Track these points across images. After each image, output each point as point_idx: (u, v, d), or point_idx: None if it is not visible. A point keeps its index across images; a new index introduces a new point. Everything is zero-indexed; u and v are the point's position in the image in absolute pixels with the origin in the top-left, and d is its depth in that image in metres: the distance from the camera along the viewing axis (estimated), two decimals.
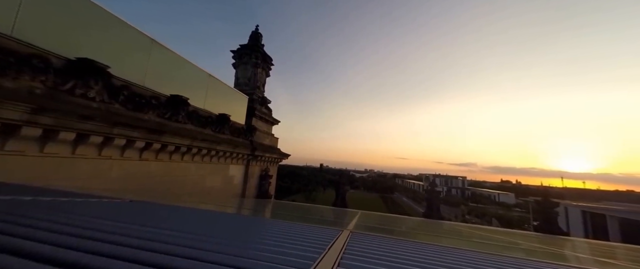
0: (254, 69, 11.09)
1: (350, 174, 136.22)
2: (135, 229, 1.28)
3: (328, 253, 1.15)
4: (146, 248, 1.03)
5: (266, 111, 11.54)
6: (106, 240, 1.06)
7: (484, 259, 1.92)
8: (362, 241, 1.67)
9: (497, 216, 39.92)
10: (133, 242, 1.08)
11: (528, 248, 3.76)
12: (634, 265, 2.87)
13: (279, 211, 4.86)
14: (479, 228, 7.36)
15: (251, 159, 9.68)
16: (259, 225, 2.16)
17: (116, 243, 1.03)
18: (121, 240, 1.08)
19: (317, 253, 1.14)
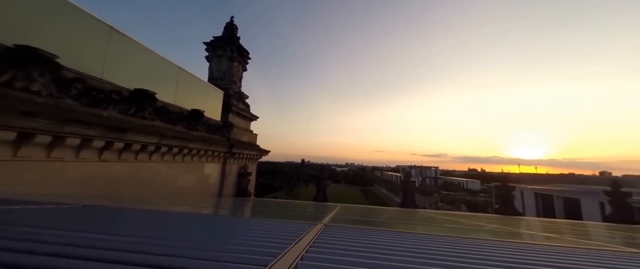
0: (230, 63, 10.61)
1: (332, 168, 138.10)
2: (82, 238, 1.16)
3: (294, 247, 1.14)
4: (94, 258, 0.93)
5: (243, 106, 11.16)
6: (46, 252, 0.94)
7: (452, 242, 2.05)
8: (334, 233, 1.68)
9: (465, 201, 43.31)
10: (78, 252, 0.97)
11: (491, 229, 4.11)
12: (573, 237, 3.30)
13: (255, 209, 4.76)
14: (450, 214, 7.89)
15: (228, 157, 9.35)
16: (228, 224, 2.09)
17: (57, 255, 0.92)
18: (64, 251, 0.97)
19: (282, 248, 1.13)
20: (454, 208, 38.01)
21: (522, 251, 1.85)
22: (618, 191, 7.79)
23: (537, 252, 1.86)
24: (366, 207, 7.81)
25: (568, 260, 1.64)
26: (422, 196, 50.63)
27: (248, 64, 11.96)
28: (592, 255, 1.90)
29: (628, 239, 3.63)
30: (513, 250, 1.85)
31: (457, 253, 1.54)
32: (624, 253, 2.17)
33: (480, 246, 1.89)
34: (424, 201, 42.46)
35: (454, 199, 48.04)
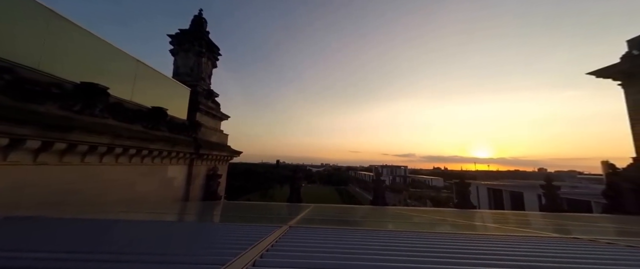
0: (198, 59, 9.98)
1: (307, 169, 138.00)
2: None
3: (249, 252, 1.11)
4: None
5: (213, 105, 10.59)
6: None
7: (412, 237, 2.18)
8: (297, 234, 1.68)
9: (430, 198, 46.71)
10: None
11: (451, 223, 4.48)
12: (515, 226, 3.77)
13: (221, 213, 4.54)
14: (415, 210, 8.41)
15: (195, 158, 8.77)
16: (182, 230, 1.95)
17: None
18: None
19: (235, 253, 1.08)
20: (421, 204, 40.76)
21: (471, 241, 2.04)
22: (550, 185, 9.11)
23: (483, 241, 2.07)
24: (338, 206, 7.96)
25: (507, 246, 1.86)
26: (392, 194, 53.25)
27: (218, 61, 11.38)
28: (525, 241, 2.18)
29: (556, 226, 4.25)
30: (464, 241, 2.04)
31: (414, 247, 1.64)
32: (551, 238, 2.53)
33: (436, 239, 2.05)
34: (394, 199, 44.70)
35: (420, 195, 51.48)
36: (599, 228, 3.93)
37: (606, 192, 9.02)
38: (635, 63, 8.61)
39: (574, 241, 2.35)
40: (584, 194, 15.56)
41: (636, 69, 8.63)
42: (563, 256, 1.73)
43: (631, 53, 8.96)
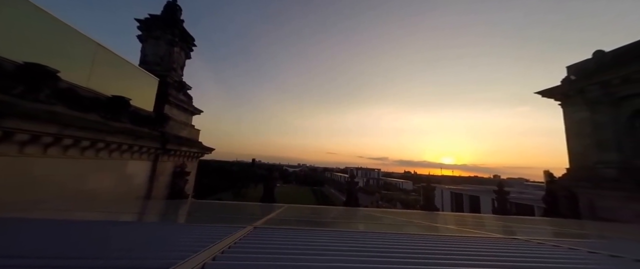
0: (169, 48, 9.35)
1: (284, 168, 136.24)
2: None
3: (201, 254, 1.07)
4: None
5: (184, 98, 9.99)
6: None
7: (377, 237, 2.28)
8: (260, 235, 1.67)
9: (400, 200, 49.13)
10: None
11: (415, 224, 4.77)
12: (469, 228, 4.15)
13: (185, 213, 4.31)
14: (386, 211, 8.78)
15: (161, 154, 8.19)
16: (132, 231, 1.81)
17: None
18: None
19: (184, 256, 1.04)
20: (391, 205, 42.65)
21: (427, 241, 2.21)
22: (501, 191, 10.15)
23: (438, 242, 2.25)
24: (311, 207, 8.00)
25: (457, 246, 2.05)
26: (365, 196, 54.87)
27: (193, 52, 10.78)
28: (472, 241, 2.42)
29: (501, 227, 4.75)
30: (422, 241, 2.19)
31: (377, 247, 1.73)
32: (494, 238, 2.83)
33: (397, 240, 2.17)
34: (367, 200, 46.10)
35: (391, 197, 53.87)
36: (535, 229, 4.49)
37: (545, 198, 10.30)
38: (572, 87, 10.00)
39: (512, 241, 2.66)
40: (529, 199, 17.58)
41: (572, 92, 10.03)
42: (499, 254, 1.96)
43: (569, 78, 10.40)
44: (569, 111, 10.46)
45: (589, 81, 9.46)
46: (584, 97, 9.73)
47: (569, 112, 10.47)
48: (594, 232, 4.50)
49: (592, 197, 9.22)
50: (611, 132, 9.01)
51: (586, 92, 9.62)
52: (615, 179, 8.61)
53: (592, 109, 9.57)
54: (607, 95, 9.09)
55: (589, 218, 9.09)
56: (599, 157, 9.24)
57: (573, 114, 10.27)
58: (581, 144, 9.90)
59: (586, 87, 9.55)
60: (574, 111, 10.24)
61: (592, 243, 2.83)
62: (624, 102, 8.88)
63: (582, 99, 9.85)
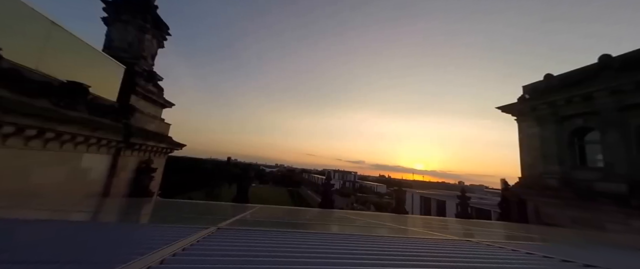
0: (140, 34, 8.70)
1: (260, 168, 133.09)
2: None
3: (146, 258, 1.02)
4: None
5: (155, 89, 9.34)
6: None
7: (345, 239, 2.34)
8: (222, 236, 1.63)
9: (374, 202, 50.75)
10: None
11: (383, 226, 4.97)
12: (431, 230, 4.44)
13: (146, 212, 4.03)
14: (359, 214, 9.00)
15: (124, 148, 7.55)
16: (77, 233, 1.66)
17: None
18: None
19: (127, 260, 0.97)
20: (365, 208, 43.83)
21: (391, 244, 2.33)
22: (464, 196, 11.01)
23: (403, 244, 2.38)
24: (285, 208, 7.93)
25: (418, 247, 2.19)
26: (341, 198, 55.72)
27: (166, 41, 10.15)
28: (431, 243, 2.60)
29: (460, 230, 5.15)
30: (387, 243, 2.30)
31: (344, 249, 1.78)
32: (451, 240, 3.07)
33: (364, 241, 2.26)
34: (342, 202, 46.84)
35: (366, 200, 55.41)
36: (488, 232, 4.95)
37: (500, 204, 11.37)
38: (526, 105, 11.23)
39: (466, 243, 2.92)
40: (487, 205, 19.24)
41: (526, 109, 11.26)
42: (452, 255, 2.14)
43: (524, 96, 11.65)
44: (523, 125, 11.70)
45: (540, 100, 10.69)
46: (535, 114, 10.97)
47: (522, 127, 11.71)
48: (535, 235, 5.07)
49: (538, 204, 10.39)
50: (555, 147, 10.26)
51: (537, 110, 10.86)
52: (556, 189, 9.81)
53: (541, 125, 10.82)
54: (553, 114, 10.35)
55: (535, 222, 10.23)
56: (545, 168, 10.46)
57: (526, 129, 11.51)
58: (531, 156, 11.13)
59: (537, 106, 10.78)
60: (527, 126, 11.48)
61: (531, 245, 3.20)
62: (565, 121, 10.18)
63: (533, 116, 11.10)
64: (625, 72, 8.29)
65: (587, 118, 9.46)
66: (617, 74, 8.43)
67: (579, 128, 9.82)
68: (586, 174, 9.32)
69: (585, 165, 9.71)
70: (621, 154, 8.34)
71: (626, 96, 8.27)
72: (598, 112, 9.00)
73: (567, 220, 9.35)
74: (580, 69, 10.07)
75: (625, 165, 8.21)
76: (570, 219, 9.28)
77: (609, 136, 8.68)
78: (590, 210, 8.69)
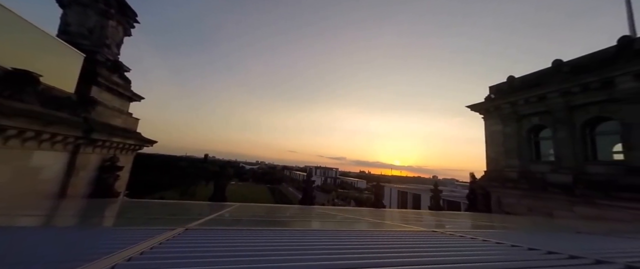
0: (102, 19, 7.92)
1: (240, 166, 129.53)
2: None
3: (99, 262, 0.93)
4: None
5: (120, 80, 8.60)
6: None
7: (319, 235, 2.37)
8: (188, 237, 1.55)
9: (354, 198, 52.05)
10: None
11: (361, 221, 5.11)
12: (405, 223, 4.68)
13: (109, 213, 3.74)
14: (339, 209, 9.16)
15: (84, 144, 6.89)
16: (27, 237, 1.49)
17: None
18: None
19: (77, 265, 0.88)
20: (346, 203, 44.80)
21: (364, 237, 2.40)
22: (436, 189, 11.72)
23: (376, 237, 2.47)
24: (264, 206, 7.82)
25: (385, 240, 2.29)
26: (323, 194, 56.31)
27: (134, 29, 9.37)
28: (401, 235, 2.73)
29: (431, 222, 5.48)
30: (354, 237, 2.37)
31: (308, 244, 1.80)
32: (421, 232, 3.25)
33: (329, 237, 2.30)
34: (324, 198, 47.37)
35: (347, 196, 56.62)
36: (455, 223, 5.33)
37: (468, 196, 12.27)
38: (491, 104, 12.18)
39: (433, 233, 3.11)
40: (457, 197, 20.68)
41: (491, 108, 12.21)
42: (416, 245, 2.28)
43: (490, 96, 12.62)
44: (488, 123, 12.69)
45: (503, 100, 11.64)
46: (499, 113, 11.94)
47: (488, 125, 12.70)
48: (495, 224, 5.55)
49: (500, 195, 11.39)
50: (515, 143, 11.28)
51: (500, 109, 11.82)
52: (515, 181, 10.81)
53: (504, 123, 11.80)
54: (514, 112, 11.34)
55: (497, 211, 11.21)
56: (506, 162, 11.46)
57: (491, 126, 12.49)
58: (495, 151, 12.12)
59: (501, 105, 11.73)
60: (492, 123, 12.47)
61: (488, 233, 3.50)
62: (524, 119, 11.21)
63: (497, 115, 12.07)
64: (573, 75, 9.31)
65: (542, 117, 10.51)
66: (567, 77, 9.45)
67: (535, 126, 10.88)
68: (540, 167, 10.39)
69: (540, 159, 10.81)
70: (568, 149, 9.41)
71: (574, 97, 9.31)
72: (551, 112, 10.03)
73: (524, 209, 10.37)
74: (537, 72, 11.11)
75: (572, 159, 9.29)
76: (526, 208, 10.30)
77: (559, 132, 9.73)
78: (543, 199, 9.73)
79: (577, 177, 8.87)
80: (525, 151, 11.03)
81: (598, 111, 8.86)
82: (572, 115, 9.47)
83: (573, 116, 9.47)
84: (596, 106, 8.89)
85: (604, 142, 9.17)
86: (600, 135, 9.15)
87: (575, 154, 9.24)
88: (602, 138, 9.16)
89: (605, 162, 8.86)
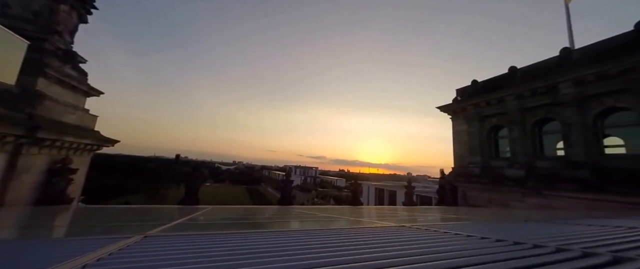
0: (51, 2, 7.06)
1: (216, 166, 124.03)
2: None
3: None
4: None
5: (74, 72, 7.74)
6: None
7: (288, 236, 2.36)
8: (144, 246, 1.44)
9: (334, 196, 52.72)
10: None
11: (343, 219, 5.19)
12: (377, 219, 4.88)
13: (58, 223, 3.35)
14: (316, 208, 9.20)
15: (27, 144, 6.08)
16: None
17: None
18: None
19: None
20: (326, 202, 45.21)
21: (326, 236, 2.45)
22: (409, 186, 12.35)
23: (345, 235, 2.53)
24: (238, 207, 7.58)
25: (377, 235, 2.36)
26: (303, 193, 56.19)
27: (91, 15, 8.49)
28: (370, 230, 2.84)
29: (402, 216, 5.76)
30: (323, 236, 2.40)
31: (274, 246, 1.79)
32: (387, 227, 3.41)
33: (298, 237, 2.32)
34: (303, 198, 47.29)
35: (326, 194, 57.15)
36: (423, 217, 5.67)
37: (438, 191, 13.13)
38: (458, 106, 13.16)
39: (400, 227, 3.29)
40: (429, 192, 21.99)
41: (458, 109, 13.19)
42: (386, 239, 2.39)
43: (457, 98, 13.62)
44: (455, 123, 13.68)
45: (467, 102, 12.63)
46: (464, 114, 12.93)
47: (455, 124, 13.69)
48: (459, 216, 6.01)
49: (465, 189, 12.35)
50: (478, 141, 12.31)
51: (466, 110, 12.81)
52: (478, 176, 11.80)
53: (468, 123, 12.81)
54: (477, 113, 12.37)
55: (463, 204, 12.14)
56: (470, 159, 12.46)
57: (457, 126, 13.49)
58: (461, 149, 13.12)
59: (466, 107, 12.71)
60: (458, 123, 13.46)
61: (450, 225, 3.78)
62: (486, 119, 12.28)
63: (463, 115, 13.06)
64: (525, 81, 10.41)
65: (500, 117, 11.60)
66: (520, 83, 10.54)
67: (495, 126, 11.97)
68: (499, 163, 11.46)
69: (499, 156, 11.92)
70: (521, 147, 10.51)
71: (526, 100, 10.42)
72: (507, 113, 11.11)
73: (485, 201, 11.37)
74: (497, 77, 12.23)
75: (524, 155, 10.39)
76: (487, 200, 11.31)
77: (513, 132, 10.83)
78: (501, 192, 10.75)
79: (528, 172, 9.95)
80: (487, 149, 12.09)
81: (544, 112, 10.02)
82: (524, 116, 10.59)
83: (525, 117, 10.59)
84: (543, 108, 10.04)
85: (549, 140, 10.40)
86: (547, 134, 10.35)
87: (527, 151, 10.35)
88: (548, 137, 10.37)
89: (550, 157, 10.05)
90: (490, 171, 11.45)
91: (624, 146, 8.42)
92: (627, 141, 8.35)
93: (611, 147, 8.60)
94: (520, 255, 1.42)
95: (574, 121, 8.97)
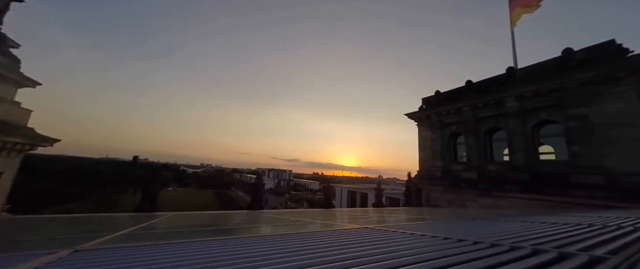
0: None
1: (181, 169, 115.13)
2: None
3: None
4: None
5: (2, 58, 6.58)
6: None
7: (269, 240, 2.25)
8: (71, 263, 1.25)
9: (307, 199, 52.46)
10: None
11: (313, 222, 5.16)
12: (345, 222, 4.97)
13: None
14: (286, 212, 9.03)
15: None
16: None
17: None
18: None
19: None
20: (299, 205, 44.74)
21: (284, 241, 2.42)
22: (379, 188, 12.90)
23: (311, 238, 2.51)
24: (205, 213, 7.10)
25: (342, 238, 2.36)
26: (276, 197, 54.90)
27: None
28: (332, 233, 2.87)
29: (369, 218, 5.96)
30: (281, 241, 2.37)
31: (246, 252, 1.70)
32: (351, 229, 3.49)
33: (256, 243, 2.25)
34: (276, 201, 46.21)
35: (300, 198, 56.64)
36: (388, 218, 5.95)
37: (405, 193, 13.92)
38: (423, 113, 14.21)
39: (366, 229, 3.40)
40: (397, 194, 23.16)
41: (423, 117, 14.24)
42: (351, 241, 2.44)
43: (422, 106, 14.69)
44: (421, 129, 14.71)
45: (431, 110, 13.68)
46: (428, 121, 13.98)
47: (420, 131, 14.71)
48: (422, 216, 6.41)
49: (428, 191, 13.28)
50: (439, 146, 13.37)
51: (429, 118, 13.85)
52: (439, 178, 12.79)
53: (432, 129, 13.87)
54: (439, 121, 13.46)
55: (427, 205, 13.01)
56: (433, 163, 13.46)
57: (422, 132, 14.51)
58: (425, 154, 14.11)
59: (430, 115, 13.75)
60: (423, 130, 14.49)
61: (411, 225, 4.01)
62: (446, 127, 13.42)
63: (427, 123, 14.10)
64: (479, 94, 11.65)
65: (458, 126, 12.77)
66: (475, 95, 11.76)
67: (454, 133, 13.13)
68: (457, 166, 12.57)
69: (457, 160, 13.08)
70: (475, 152, 11.69)
71: (479, 111, 11.64)
72: (464, 122, 12.29)
73: (445, 201, 12.35)
74: (456, 88, 13.48)
75: (477, 160, 11.56)
76: (447, 201, 12.29)
77: (469, 139, 12.00)
78: (458, 193, 11.78)
79: (480, 175, 11.08)
80: (447, 154, 13.19)
81: (494, 122, 11.31)
82: (478, 125, 11.82)
83: (479, 126, 11.82)
84: (493, 118, 11.33)
85: (498, 146, 11.73)
86: (496, 141, 11.68)
87: (479, 156, 11.54)
88: (497, 143, 11.70)
89: (498, 162, 11.34)
90: (450, 174, 12.50)
91: (554, 153, 9.88)
92: (556, 149, 9.81)
93: (545, 154, 10.03)
94: (482, 255, 1.55)
95: (516, 131, 10.27)
